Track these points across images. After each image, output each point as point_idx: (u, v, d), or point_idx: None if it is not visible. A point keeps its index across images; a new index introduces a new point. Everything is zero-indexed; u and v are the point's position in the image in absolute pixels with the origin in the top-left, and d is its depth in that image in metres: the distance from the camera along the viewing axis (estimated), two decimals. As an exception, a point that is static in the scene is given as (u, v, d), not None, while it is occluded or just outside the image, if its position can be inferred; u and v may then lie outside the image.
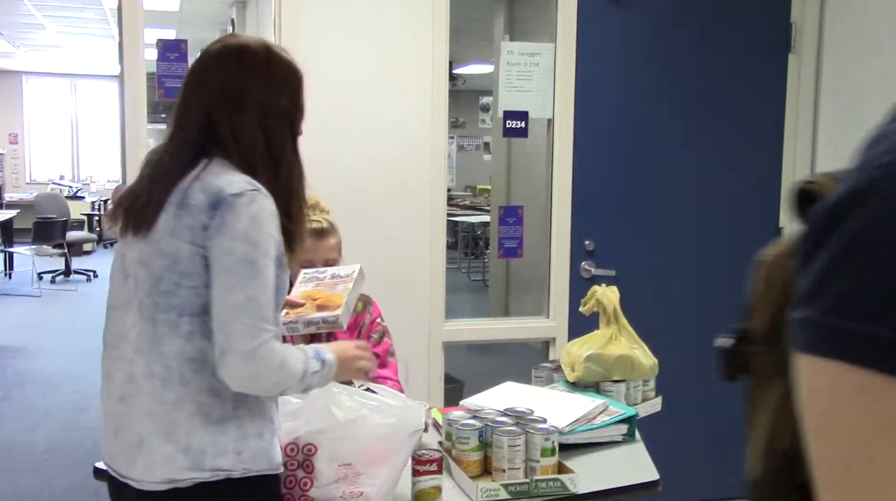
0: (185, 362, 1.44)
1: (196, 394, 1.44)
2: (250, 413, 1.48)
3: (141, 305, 1.47)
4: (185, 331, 1.43)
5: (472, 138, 13.69)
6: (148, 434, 1.45)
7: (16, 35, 10.64)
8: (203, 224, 1.41)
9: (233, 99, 1.49)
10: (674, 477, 2.12)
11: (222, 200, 1.40)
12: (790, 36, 3.55)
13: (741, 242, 3.59)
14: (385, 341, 2.40)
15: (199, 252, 1.42)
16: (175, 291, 1.43)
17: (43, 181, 14.15)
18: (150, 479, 1.46)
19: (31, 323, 7.54)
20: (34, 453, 4.30)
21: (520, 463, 1.79)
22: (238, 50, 1.52)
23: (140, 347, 1.46)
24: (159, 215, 1.45)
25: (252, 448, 1.47)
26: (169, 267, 1.43)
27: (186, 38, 3.01)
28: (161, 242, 1.44)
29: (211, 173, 1.46)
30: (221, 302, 1.39)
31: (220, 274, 1.39)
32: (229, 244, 1.39)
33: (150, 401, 1.45)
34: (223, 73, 1.51)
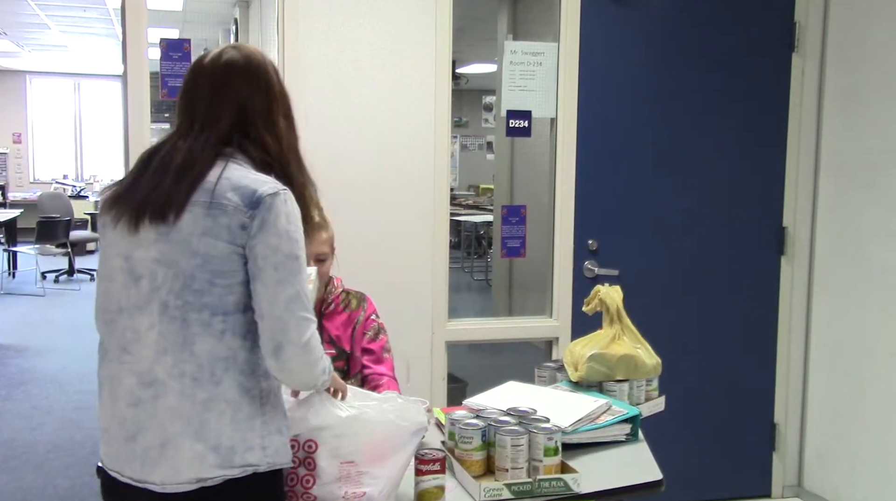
0: (216, 361, 1.44)
1: (226, 393, 1.45)
2: (273, 409, 1.51)
3: (165, 306, 1.45)
4: (217, 330, 1.44)
5: (475, 137, 13.69)
6: (176, 435, 1.44)
7: (20, 35, 10.65)
8: (241, 223, 1.43)
9: (262, 107, 1.54)
10: (677, 477, 2.12)
11: (260, 200, 1.43)
12: (794, 35, 3.54)
13: (744, 242, 3.60)
14: (381, 338, 2.40)
15: (237, 251, 1.43)
16: (208, 290, 1.43)
17: (46, 180, 14.17)
18: (176, 480, 1.44)
19: (35, 323, 7.56)
20: (37, 452, 4.31)
21: (523, 463, 1.79)
22: (259, 62, 1.57)
23: (165, 348, 1.44)
24: (183, 213, 1.44)
25: (276, 442, 1.49)
26: (201, 266, 1.43)
27: (189, 38, 3.01)
28: (191, 242, 1.43)
29: (235, 173, 1.47)
30: (273, 297, 1.42)
31: (269, 270, 1.42)
32: (275, 241, 1.42)
33: (179, 401, 1.44)
34: (252, 84, 1.54)
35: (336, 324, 2.34)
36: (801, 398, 3.69)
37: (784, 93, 3.56)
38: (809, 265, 3.64)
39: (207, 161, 1.48)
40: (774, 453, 3.70)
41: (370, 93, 3.11)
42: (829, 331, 3.56)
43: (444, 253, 3.23)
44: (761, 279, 3.62)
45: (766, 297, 3.63)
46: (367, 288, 2.48)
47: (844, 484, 3.48)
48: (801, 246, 3.62)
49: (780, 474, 3.71)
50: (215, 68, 1.54)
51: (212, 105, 1.52)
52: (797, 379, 3.68)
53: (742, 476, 3.69)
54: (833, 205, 3.53)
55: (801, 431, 3.70)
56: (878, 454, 3.30)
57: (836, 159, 3.52)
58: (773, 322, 3.65)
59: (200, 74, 1.55)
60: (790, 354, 3.66)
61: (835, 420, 3.53)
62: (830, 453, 3.56)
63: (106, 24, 9.54)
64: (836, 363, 3.52)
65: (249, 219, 1.43)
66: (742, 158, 3.56)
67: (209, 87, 1.53)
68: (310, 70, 3.04)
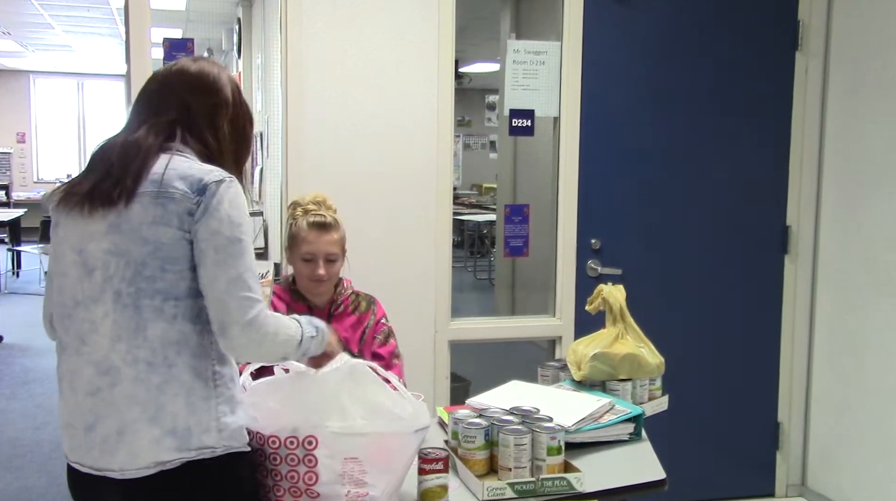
0: (168, 345, 1.49)
1: (180, 375, 1.49)
2: (228, 391, 1.54)
3: (118, 294, 1.49)
4: (169, 315, 1.49)
5: (478, 137, 13.69)
6: (132, 421, 1.47)
7: (24, 35, 10.67)
8: (189, 209, 1.49)
9: (207, 109, 1.63)
10: (680, 476, 2.12)
11: (206, 187, 1.50)
12: (797, 34, 3.54)
13: (748, 241, 3.59)
14: (390, 342, 2.39)
15: (186, 237, 1.49)
16: (160, 276, 1.48)
17: (50, 180, 14.18)
18: (134, 466, 1.47)
19: (39, 322, 7.43)
20: (41, 451, 4.32)
21: (526, 462, 1.79)
22: (212, 73, 1.67)
23: (119, 335, 1.48)
24: (133, 201, 1.49)
25: (230, 425, 1.53)
26: (152, 253, 1.48)
27: (193, 38, 3.02)
28: (141, 230, 1.49)
29: (182, 164, 1.54)
30: (215, 279, 1.48)
31: (210, 253, 1.48)
32: (216, 225, 1.48)
33: (134, 387, 1.48)
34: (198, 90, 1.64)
35: (345, 326, 2.34)
36: (805, 397, 3.69)
37: (787, 91, 3.56)
38: (813, 264, 3.63)
39: (152, 151, 1.54)
40: (778, 452, 3.70)
41: (373, 92, 3.11)
42: (833, 330, 3.55)
43: (447, 253, 3.23)
44: (765, 278, 3.61)
45: (770, 296, 3.63)
46: (371, 288, 2.48)
47: (848, 484, 3.48)
48: (804, 245, 3.61)
49: (784, 473, 3.70)
50: (167, 74, 1.66)
51: (158, 105, 1.61)
52: (801, 378, 3.67)
53: (745, 476, 3.68)
54: (837, 203, 3.53)
55: (804, 430, 3.70)
56: (882, 453, 3.30)
57: (839, 158, 3.52)
58: (776, 321, 3.64)
59: (153, 79, 1.67)
60: (794, 353, 3.65)
61: (838, 420, 3.53)
62: (834, 452, 3.55)
63: (109, 23, 9.56)
64: (840, 362, 3.51)
65: (196, 205, 1.49)
66: (745, 157, 3.55)
67: (156, 90, 1.64)
68: (312, 69, 3.04)
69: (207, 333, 1.52)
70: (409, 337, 2.98)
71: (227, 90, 1.67)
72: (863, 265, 3.39)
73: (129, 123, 1.63)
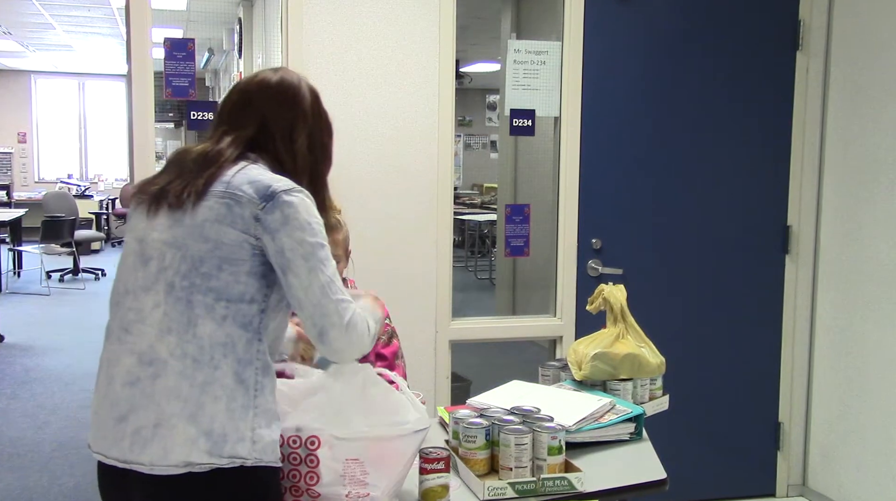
0: (216, 346, 1.47)
1: (223, 378, 1.47)
2: (266, 404, 1.52)
3: (171, 286, 1.49)
4: (219, 316, 1.48)
5: (478, 136, 13.70)
6: (171, 415, 1.45)
7: (25, 35, 10.68)
8: (255, 215, 1.49)
9: (285, 123, 1.65)
10: (681, 476, 2.12)
11: (274, 194, 1.50)
12: (798, 34, 3.54)
13: (748, 241, 3.59)
14: (393, 343, 2.39)
15: (249, 240, 1.49)
16: (216, 275, 1.48)
17: (51, 180, 14.21)
18: (165, 462, 1.44)
19: (40, 322, 7.58)
20: (42, 451, 4.32)
21: (527, 462, 1.79)
22: (293, 84, 1.69)
23: (169, 327, 1.48)
24: (201, 201, 1.51)
25: (265, 438, 1.50)
26: (211, 251, 1.49)
27: (193, 37, 3.02)
28: (204, 227, 1.50)
29: (253, 171, 1.55)
30: (308, 286, 1.49)
31: (299, 261, 1.49)
32: (300, 234, 1.49)
33: (178, 381, 1.46)
34: (278, 102, 1.66)
35: None
36: (806, 397, 3.69)
37: (788, 91, 3.56)
38: (814, 264, 3.63)
39: (229, 159, 1.56)
40: (779, 452, 3.70)
41: (374, 93, 3.11)
42: (834, 330, 3.55)
43: (447, 253, 3.24)
44: (766, 278, 3.61)
45: (771, 296, 3.63)
46: (371, 288, 2.48)
47: (849, 483, 3.48)
48: (805, 244, 3.61)
49: (785, 473, 3.70)
50: (249, 85, 1.68)
51: (239, 116, 1.64)
52: (802, 378, 3.67)
53: (746, 476, 3.68)
54: (838, 203, 3.53)
55: (805, 430, 3.70)
56: (883, 453, 3.30)
57: (840, 158, 3.52)
58: (777, 321, 3.64)
59: (234, 91, 1.69)
60: (795, 353, 3.65)
61: (839, 420, 3.53)
62: (835, 452, 3.55)
63: (110, 23, 9.56)
64: (841, 362, 3.51)
65: (262, 211, 1.49)
66: (746, 157, 3.55)
67: (238, 100, 1.66)
68: (313, 69, 3.04)
69: (255, 342, 1.50)
70: (410, 336, 2.98)
71: (306, 102, 1.68)
72: (864, 265, 3.39)
73: (210, 134, 1.65)
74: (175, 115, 13.55)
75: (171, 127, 13.99)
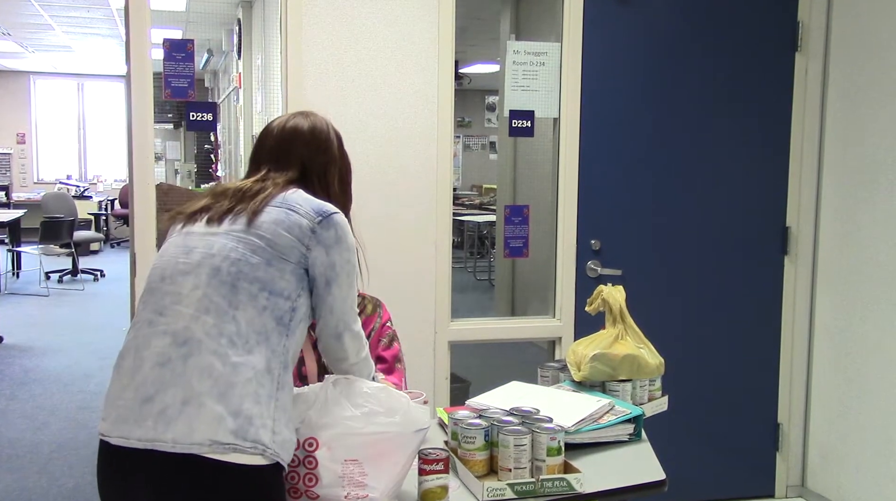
0: (252, 333, 1.54)
1: (256, 363, 1.52)
2: (284, 400, 1.56)
3: (217, 270, 1.56)
4: (260, 306, 1.56)
5: (478, 137, 13.70)
6: (200, 393, 1.47)
7: (24, 36, 10.68)
8: (311, 227, 1.63)
9: (320, 167, 1.81)
10: (680, 477, 2.12)
11: (328, 213, 1.66)
12: (797, 35, 3.54)
13: (747, 242, 3.59)
14: (394, 346, 2.39)
15: (300, 248, 1.61)
16: (264, 267, 1.58)
17: (50, 181, 14.20)
18: (189, 440, 1.44)
19: (39, 323, 7.58)
20: (41, 452, 4.32)
21: (526, 463, 1.79)
22: (324, 130, 1.85)
23: (207, 308, 1.53)
24: (261, 213, 1.63)
25: (284, 434, 1.52)
26: (264, 247, 1.59)
27: (193, 38, 3.02)
28: (261, 227, 1.60)
29: (303, 194, 1.71)
30: (344, 297, 1.68)
31: (343, 277, 1.67)
32: (347, 255, 1.68)
33: (211, 359, 1.49)
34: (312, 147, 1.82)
35: None
36: (805, 398, 3.69)
37: (787, 92, 3.56)
38: (813, 265, 3.64)
39: (276, 190, 1.69)
40: (778, 453, 3.70)
41: (373, 94, 3.11)
42: (833, 331, 3.55)
43: (446, 253, 3.24)
44: (765, 279, 3.62)
45: (770, 297, 3.63)
46: (370, 289, 2.48)
47: (848, 484, 3.48)
48: (804, 245, 3.62)
49: (784, 474, 3.70)
50: (283, 131, 1.80)
51: (278, 159, 1.77)
52: (801, 379, 3.67)
53: (745, 477, 3.68)
54: (836, 204, 3.53)
55: (804, 431, 3.70)
56: (882, 454, 3.30)
57: (839, 159, 3.52)
58: (776, 322, 3.64)
59: (268, 135, 1.82)
60: (794, 354, 3.65)
61: (838, 421, 3.53)
62: (834, 453, 3.55)
63: (109, 24, 9.56)
64: (840, 363, 3.51)
65: (318, 225, 1.64)
66: (745, 158, 3.56)
67: (276, 146, 1.79)
68: (312, 70, 3.04)
69: (285, 337, 1.58)
70: (409, 337, 2.98)
71: (334, 146, 1.84)
72: (863, 266, 3.39)
73: (248, 174, 1.78)
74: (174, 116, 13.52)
75: (171, 128, 13.98)
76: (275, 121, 1.85)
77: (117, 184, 14.38)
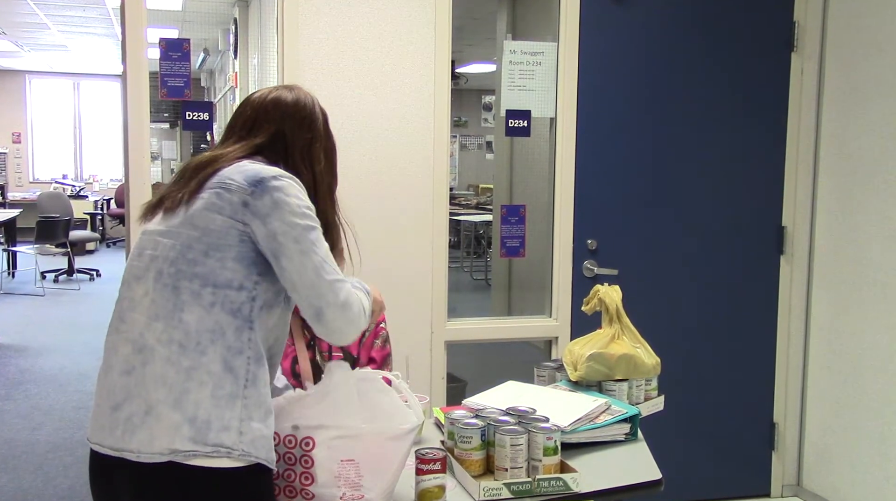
0: (203, 332, 1.47)
1: (210, 365, 1.46)
2: (257, 395, 1.50)
3: (160, 273, 1.51)
4: (206, 302, 1.48)
5: (474, 137, 13.70)
6: (158, 402, 1.45)
7: (20, 35, 10.65)
8: (243, 200, 1.50)
9: (304, 142, 1.69)
10: (676, 477, 2.12)
11: (262, 180, 1.52)
12: (793, 35, 3.55)
13: (743, 241, 3.60)
14: (386, 347, 2.39)
15: (236, 226, 1.50)
16: (202, 261, 1.49)
17: (46, 180, 14.18)
18: (150, 449, 1.44)
19: (34, 322, 7.56)
20: (37, 452, 4.31)
21: (522, 462, 1.79)
22: (308, 105, 1.74)
23: (157, 313, 1.49)
24: (196, 196, 1.53)
25: (254, 431, 1.48)
26: (198, 238, 1.50)
27: (189, 38, 3.01)
28: (194, 216, 1.52)
29: (247, 164, 1.58)
30: (302, 268, 1.49)
31: (290, 244, 1.49)
32: (290, 217, 1.50)
33: (164, 367, 1.46)
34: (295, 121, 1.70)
35: None
36: (801, 397, 3.69)
37: (783, 92, 3.57)
38: (809, 264, 3.64)
39: (229, 159, 1.58)
40: (774, 452, 3.70)
41: (370, 93, 3.11)
42: (829, 331, 3.56)
43: (443, 253, 3.24)
44: (761, 278, 3.62)
45: (766, 297, 3.63)
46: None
47: (844, 484, 3.48)
48: (800, 245, 3.62)
49: (780, 473, 3.71)
50: (263, 101, 1.69)
51: (251, 128, 1.66)
52: (796, 378, 3.68)
53: (741, 476, 3.69)
54: (832, 204, 3.54)
55: (800, 430, 3.70)
56: (878, 452, 3.31)
57: (835, 158, 3.53)
58: (772, 321, 3.65)
59: (248, 105, 1.70)
60: (789, 353, 3.66)
61: (834, 420, 3.53)
62: (830, 452, 3.56)
63: (105, 23, 9.55)
64: (836, 362, 3.52)
65: (250, 195, 1.50)
66: (741, 158, 3.56)
67: (252, 114, 1.68)
68: (308, 70, 3.04)
69: (246, 330, 1.50)
70: (406, 337, 2.98)
71: (319, 122, 1.72)
72: (858, 265, 3.39)
73: (219, 143, 1.69)
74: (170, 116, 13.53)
75: (167, 127, 13.97)
76: (256, 92, 1.74)
77: (113, 183, 14.36)
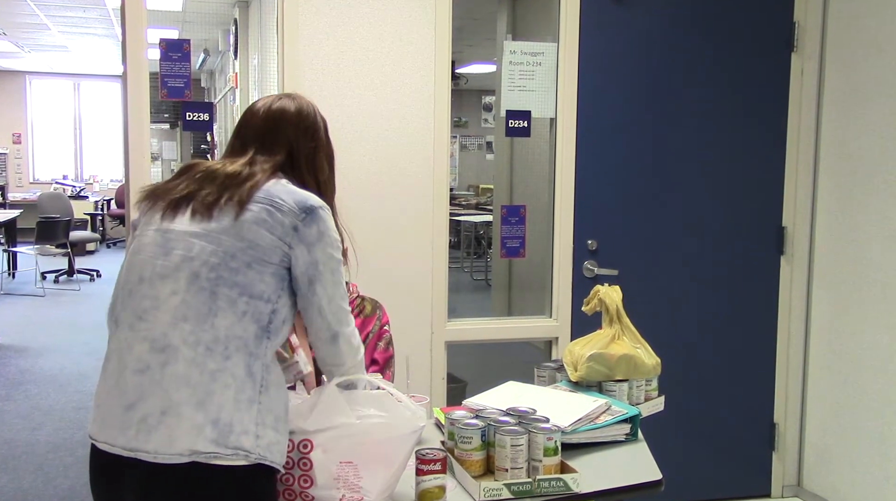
0: (232, 338, 1.50)
1: (234, 368, 1.49)
2: (271, 402, 1.53)
3: (195, 276, 1.52)
4: (240, 310, 1.52)
5: (474, 137, 13.71)
6: (179, 402, 1.45)
7: (20, 36, 10.65)
8: (294, 225, 1.58)
9: (308, 151, 1.76)
10: (676, 477, 2.12)
11: (312, 208, 1.60)
12: (793, 35, 3.55)
13: (744, 242, 3.60)
14: (389, 349, 2.39)
15: (282, 247, 1.57)
16: (244, 271, 1.53)
17: (46, 181, 14.18)
18: (170, 451, 1.44)
19: (35, 323, 7.56)
20: (37, 452, 4.31)
21: (522, 463, 1.79)
22: (311, 114, 1.81)
23: (185, 315, 1.50)
24: (244, 208, 1.56)
25: (269, 436, 1.50)
26: (244, 249, 1.54)
27: (189, 38, 3.01)
28: (242, 227, 1.55)
29: (288, 185, 1.65)
30: (332, 296, 1.61)
31: (328, 274, 1.60)
32: (330, 250, 1.62)
33: (188, 368, 1.47)
34: (300, 130, 1.76)
35: None
36: (801, 397, 3.69)
37: (783, 93, 3.56)
38: (809, 264, 3.64)
39: (264, 177, 1.63)
40: (774, 453, 3.70)
41: (370, 94, 3.11)
42: (829, 331, 3.56)
43: (443, 253, 3.24)
44: (761, 278, 3.62)
45: (766, 297, 3.63)
46: (366, 288, 2.48)
47: (844, 484, 3.48)
48: (800, 245, 3.62)
49: (780, 474, 3.71)
50: (269, 112, 1.74)
51: (264, 142, 1.70)
52: (797, 378, 3.68)
53: (742, 476, 3.69)
54: (832, 204, 3.54)
55: (800, 431, 3.70)
56: (878, 453, 3.31)
57: (835, 159, 3.53)
58: (772, 321, 3.65)
59: (254, 115, 1.74)
60: (790, 354, 3.66)
61: (834, 420, 3.53)
62: (830, 452, 3.56)
63: (105, 24, 9.55)
64: (836, 362, 3.52)
65: (302, 222, 1.58)
66: (742, 158, 3.56)
67: (262, 126, 1.72)
68: (309, 70, 3.04)
69: (266, 340, 1.54)
70: (406, 337, 2.98)
71: (322, 130, 1.80)
72: (858, 265, 3.39)
73: (231, 152, 1.71)
74: (170, 116, 13.54)
75: (167, 128, 13.98)
76: (259, 101, 1.78)
77: (113, 184, 14.36)
